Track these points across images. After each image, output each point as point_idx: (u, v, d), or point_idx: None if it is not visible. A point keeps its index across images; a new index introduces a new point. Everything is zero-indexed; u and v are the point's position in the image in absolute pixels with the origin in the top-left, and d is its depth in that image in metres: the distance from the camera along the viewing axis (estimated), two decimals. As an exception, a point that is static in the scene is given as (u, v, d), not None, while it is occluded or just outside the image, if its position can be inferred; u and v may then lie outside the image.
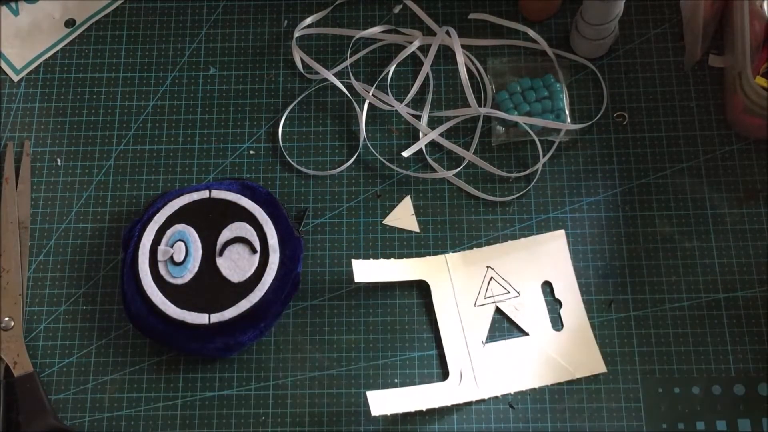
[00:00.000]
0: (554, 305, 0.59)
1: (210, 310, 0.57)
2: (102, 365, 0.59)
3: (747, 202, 0.61)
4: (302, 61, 0.66)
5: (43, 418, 0.55)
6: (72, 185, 0.63)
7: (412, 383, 0.57)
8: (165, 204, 0.60)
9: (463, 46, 0.65)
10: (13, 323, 0.59)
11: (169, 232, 0.59)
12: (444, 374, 0.57)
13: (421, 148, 0.63)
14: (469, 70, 0.65)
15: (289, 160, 0.63)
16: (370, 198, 0.62)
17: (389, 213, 0.62)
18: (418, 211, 0.62)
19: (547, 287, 0.58)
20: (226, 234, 0.58)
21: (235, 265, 0.58)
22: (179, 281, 0.57)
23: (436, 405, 0.54)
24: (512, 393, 0.55)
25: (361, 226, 0.61)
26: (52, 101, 0.66)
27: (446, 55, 0.66)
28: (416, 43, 0.65)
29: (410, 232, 0.61)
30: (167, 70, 0.66)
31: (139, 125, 0.65)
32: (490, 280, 0.57)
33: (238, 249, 0.58)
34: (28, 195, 0.63)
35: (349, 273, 0.59)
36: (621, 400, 0.57)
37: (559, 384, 0.57)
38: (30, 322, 0.60)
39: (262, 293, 0.57)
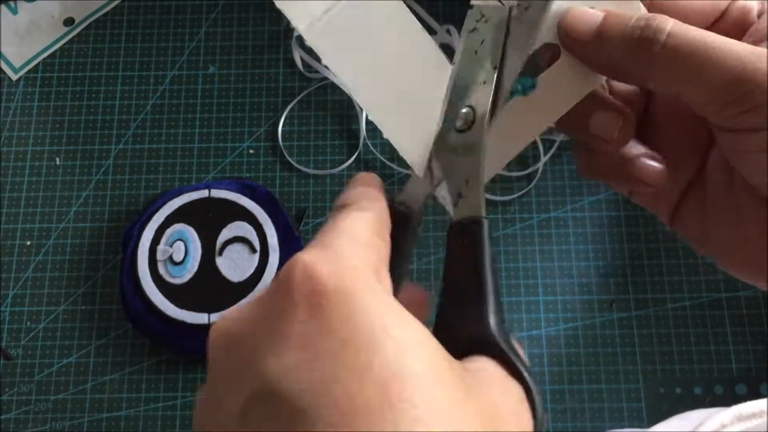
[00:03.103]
0: None
1: (209, 310, 0.56)
2: (101, 365, 0.59)
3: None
4: (302, 59, 0.65)
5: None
6: (71, 184, 0.63)
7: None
8: (164, 203, 0.59)
9: (463, 45, 0.64)
10: None
11: (168, 232, 0.58)
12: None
13: (421, 147, 0.63)
14: (469, 69, 0.64)
15: (289, 160, 0.63)
16: (370, 197, 0.62)
17: (389, 212, 0.62)
18: (419, 210, 0.62)
19: None
20: (225, 233, 0.58)
21: (235, 265, 0.57)
22: (178, 281, 0.57)
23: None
24: None
25: (362, 226, 0.61)
26: (50, 100, 0.65)
27: (447, 53, 0.65)
28: (417, 42, 0.65)
29: (411, 231, 0.61)
30: (166, 69, 0.66)
31: (138, 124, 0.65)
32: None
33: (237, 248, 0.58)
34: None
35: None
36: (622, 400, 0.57)
37: (560, 384, 0.57)
38: (29, 322, 0.59)
39: (262, 293, 0.57)
